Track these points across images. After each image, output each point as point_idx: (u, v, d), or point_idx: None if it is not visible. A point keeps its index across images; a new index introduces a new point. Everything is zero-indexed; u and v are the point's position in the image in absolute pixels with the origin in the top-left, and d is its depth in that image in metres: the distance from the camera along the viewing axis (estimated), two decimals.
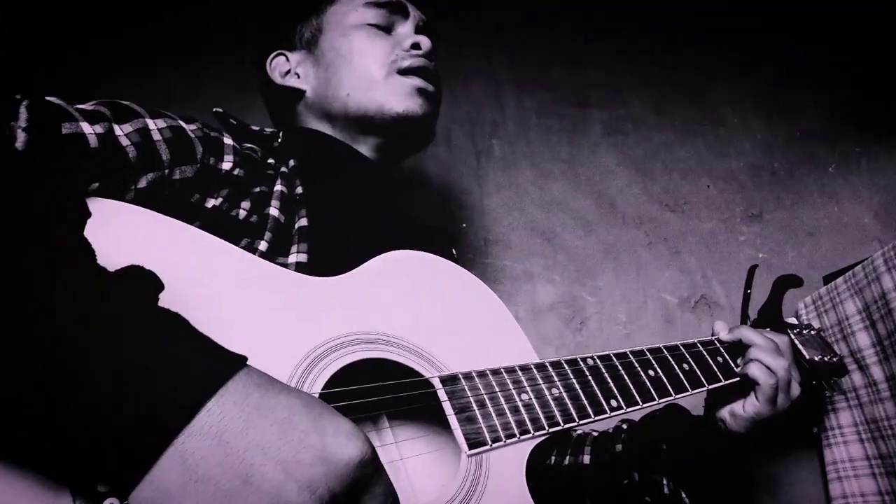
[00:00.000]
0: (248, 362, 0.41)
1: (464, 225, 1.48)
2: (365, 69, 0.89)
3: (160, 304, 0.42)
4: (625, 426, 0.92)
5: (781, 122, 1.57)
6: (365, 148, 0.93)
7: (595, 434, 0.95)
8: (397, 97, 0.88)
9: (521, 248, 1.46)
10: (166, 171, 0.64)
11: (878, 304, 1.08)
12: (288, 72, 0.96)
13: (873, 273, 1.10)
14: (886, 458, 1.07)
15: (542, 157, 1.56)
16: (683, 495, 0.83)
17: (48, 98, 0.56)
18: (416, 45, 0.93)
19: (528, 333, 1.37)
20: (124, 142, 0.60)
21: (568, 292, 1.41)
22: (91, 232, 0.44)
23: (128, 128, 0.61)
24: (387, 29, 0.95)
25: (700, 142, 1.57)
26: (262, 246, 0.70)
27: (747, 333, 0.85)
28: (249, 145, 0.79)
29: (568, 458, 0.92)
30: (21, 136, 0.49)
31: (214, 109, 0.84)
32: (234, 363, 0.40)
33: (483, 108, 1.62)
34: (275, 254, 0.70)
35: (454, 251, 1.03)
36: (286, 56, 0.97)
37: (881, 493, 1.07)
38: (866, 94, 1.55)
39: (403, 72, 0.90)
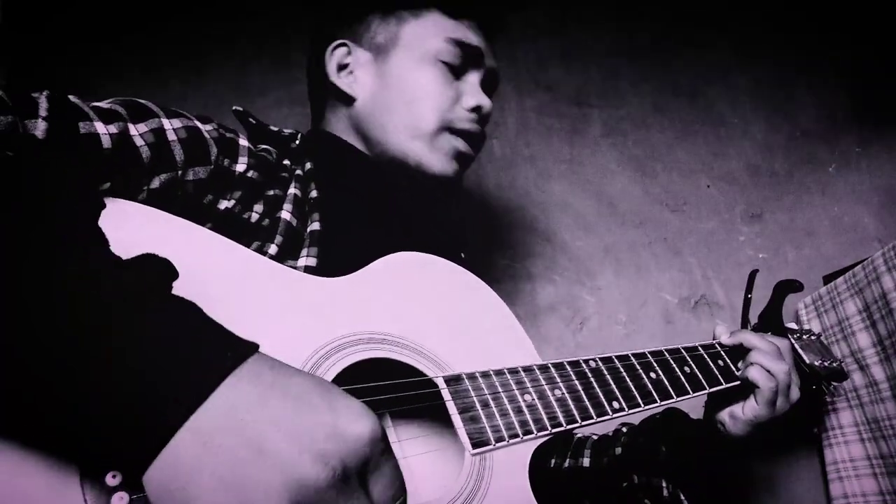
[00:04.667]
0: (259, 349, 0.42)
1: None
2: (420, 115, 0.85)
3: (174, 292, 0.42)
4: (624, 429, 0.92)
5: (781, 122, 1.57)
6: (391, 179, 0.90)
7: (595, 437, 0.95)
8: (437, 156, 0.86)
9: (521, 248, 1.46)
10: (179, 171, 0.64)
11: (878, 304, 1.08)
12: (345, 66, 0.90)
13: (873, 273, 1.10)
14: (887, 458, 1.07)
15: (542, 157, 1.56)
16: (682, 497, 0.83)
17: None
18: (476, 109, 0.89)
19: (528, 333, 1.37)
20: (138, 142, 0.60)
21: (568, 292, 1.41)
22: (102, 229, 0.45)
23: (143, 128, 0.61)
24: (458, 71, 0.90)
25: (700, 142, 1.57)
26: (272, 249, 0.70)
27: (748, 337, 0.85)
28: (265, 146, 0.78)
29: (568, 460, 0.93)
30: (42, 126, 0.50)
31: (234, 108, 0.83)
32: (248, 347, 0.41)
33: None
34: (285, 257, 0.71)
35: (462, 255, 1.03)
36: (349, 48, 0.90)
37: (882, 493, 1.07)
38: (866, 94, 1.55)
39: (454, 132, 0.87)
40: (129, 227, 0.54)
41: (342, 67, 0.90)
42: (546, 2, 1.73)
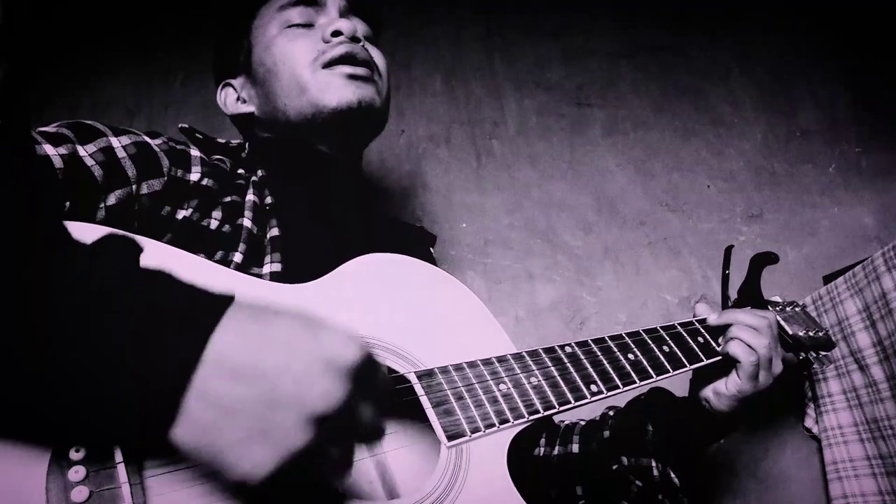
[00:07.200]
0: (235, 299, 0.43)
1: (464, 225, 1.48)
2: (291, 74, 0.87)
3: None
4: (611, 413, 0.93)
5: (781, 122, 1.57)
6: (322, 148, 0.91)
7: (583, 423, 0.95)
8: (329, 92, 0.85)
9: (521, 248, 1.46)
10: (134, 186, 0.65)
11: (878, 304, 1.08)
12: (238, 99, 0.96)
13: (873, 273, 1.10)
14: (887, 458, 1.07)
15: (542, 157, 1.56)
16: (672, 476, 0.83)
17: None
18: (336, 33, 0.88)
19: (528, 333, 1.37)
20: (89, 162, 0.61)
21: (568, 292, 1.41)
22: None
23: (91, 148, 0.62)
24: (308, 25, 0.91)
25: (700, 142, 1.57)
26: (237, 257, 0.71)
27: (733, 314, 0.84)
28: (218, 157, 0.79)
29: (557, 448, 0.93)
30: None
31: (180, 125, 0.84)
32: (223, 301, 0.42)
33: (483, 108, 1.62)
34: (249, 264, 0.71)
35: (432, 249, 1.03)
36: (231, 85, 0.97)
37: (881, 493, 1.07)
38: (866, 94, 1.55)
39: (328, 64, 0.86)
40: None
41: (236, 101, 0.97)
42: (546, 2, 1.73)
